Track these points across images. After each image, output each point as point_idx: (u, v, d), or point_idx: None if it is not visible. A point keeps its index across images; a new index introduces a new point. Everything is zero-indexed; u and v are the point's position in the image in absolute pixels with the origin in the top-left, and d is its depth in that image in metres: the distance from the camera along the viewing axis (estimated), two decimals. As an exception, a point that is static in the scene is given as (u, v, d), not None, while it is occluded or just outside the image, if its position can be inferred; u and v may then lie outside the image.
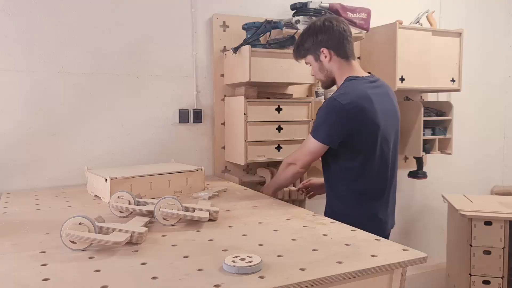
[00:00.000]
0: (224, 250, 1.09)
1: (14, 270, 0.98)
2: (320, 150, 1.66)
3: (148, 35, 2.17)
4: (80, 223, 1.11)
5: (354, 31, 2.22)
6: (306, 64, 1.80)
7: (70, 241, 1.10)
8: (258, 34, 2.10)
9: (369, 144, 1.64)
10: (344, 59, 1.69)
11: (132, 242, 1.14)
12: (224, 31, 2.30)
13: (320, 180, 1.95)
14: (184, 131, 2.28)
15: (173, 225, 1.33)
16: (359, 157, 1.64)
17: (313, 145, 1.66)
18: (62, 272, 0.96)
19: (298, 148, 1.76)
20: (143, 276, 0.93)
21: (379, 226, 1.69)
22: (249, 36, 2.12)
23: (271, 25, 2.13)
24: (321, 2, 2.23)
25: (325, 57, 1.69)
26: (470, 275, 2.27)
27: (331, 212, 1.69)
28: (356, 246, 1.12)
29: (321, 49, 1.68)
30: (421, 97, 2.89)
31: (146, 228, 1.20)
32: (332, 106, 1.60)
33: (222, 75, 2.32)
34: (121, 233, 1.13)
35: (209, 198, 1.71)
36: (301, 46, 1.75)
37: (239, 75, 2.13)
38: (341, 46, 1.68)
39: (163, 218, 1.33)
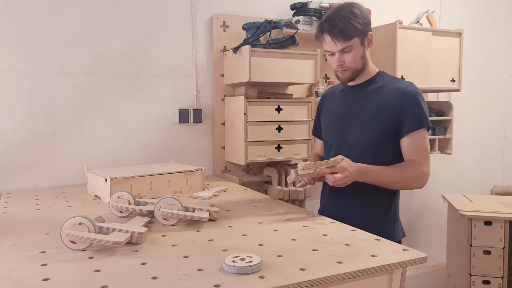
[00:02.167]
0: (224, 250, 1.09)
1: (14, 270, 0.98)
2: None
3: (148, 35, 2.17)
4: (80, 223, 1.11)
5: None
6: (344, 50, 1.51)
7: (70, 241, 1.10)
8: (258, 34, 2.10)
9: None
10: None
11: (132, 242, 1.14)
12: (224, 31, 2.30)
13: None
14: (184, 131, 2.28)
15: (173, 225, 1.33)
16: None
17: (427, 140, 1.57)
18: (62, 272, 0.96)
19: (420, 154, 1.52)
20: (143, 276, 0.93)
21: (401, 233, 1.63)
22: (249, 36, 2.12)
23: (271, 25, 2.13)
24: (321, 2, 2.23)
25: (369, 43, 1.55)
26: (470, 275, 2.27)
27: (353, 220, 1.43)
28: (356, 246, 1.12)
29: (369, 33, 1.54)
30: (421, 97, 2.89)
31: (146, 228, 1.20)
32: (420, 92, 1.60)
33: (222, 75, 2.32)
34: (121, 233, 1.13)
35: (209, 198, 1.71)
36: (350, 26, 1.47)
37: (239, 75, 2.13)
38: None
39: (163, 218, 1.33)
